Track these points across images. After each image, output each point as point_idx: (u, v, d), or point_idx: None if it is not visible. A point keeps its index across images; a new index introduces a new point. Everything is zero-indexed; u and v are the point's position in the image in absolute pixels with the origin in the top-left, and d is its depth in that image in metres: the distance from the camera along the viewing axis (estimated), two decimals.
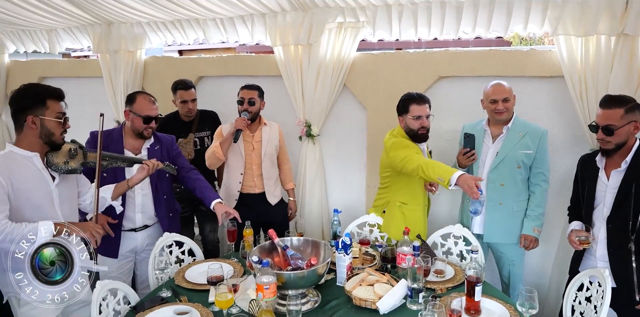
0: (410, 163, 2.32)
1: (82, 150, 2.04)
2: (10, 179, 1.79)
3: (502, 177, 2.55)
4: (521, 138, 2.53)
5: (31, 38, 4.55)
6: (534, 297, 1.75)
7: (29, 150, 1.88)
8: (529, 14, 2.75)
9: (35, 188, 1.87)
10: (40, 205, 1.87)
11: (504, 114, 2.53)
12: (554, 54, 2.82)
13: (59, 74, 4.66)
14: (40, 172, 1.89)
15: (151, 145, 2.55)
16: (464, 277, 2.12)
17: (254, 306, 1.89)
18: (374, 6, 3.10)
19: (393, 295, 1.92)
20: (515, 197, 2.57)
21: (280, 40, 3.40)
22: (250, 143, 2.95)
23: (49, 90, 1.90)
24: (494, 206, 2.58)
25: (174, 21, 3.78)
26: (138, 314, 1.90)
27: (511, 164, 2.53)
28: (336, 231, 2.61)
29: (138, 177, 2.29)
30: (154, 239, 2.55)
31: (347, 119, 3.53)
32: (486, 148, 2.63)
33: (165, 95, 3.37)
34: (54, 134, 1.90)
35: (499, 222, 2.59)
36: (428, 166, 2.23)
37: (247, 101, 2.88)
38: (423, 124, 2.52)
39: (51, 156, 1.93)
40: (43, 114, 1.86)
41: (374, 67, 3.32)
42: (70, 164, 1.96)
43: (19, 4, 3.56)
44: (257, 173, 2.95)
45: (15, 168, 1.83)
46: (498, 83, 2.56)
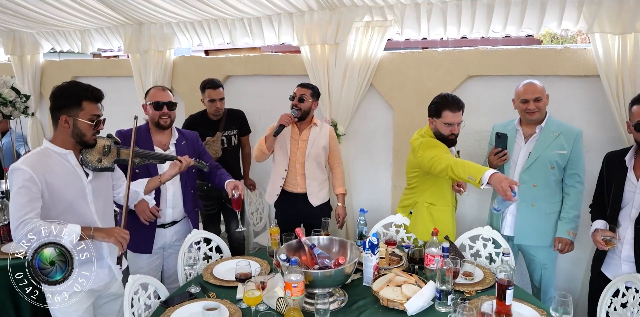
0: (439, 163, 2.28)
1: (116, 147, 2.06)
2: (45, 176, 1.81)
3: (534, 178, 2.49)
4: (555, 138, 2.46)
5: (65, 38, 4.69)
6: (568, 302, 1.71)
7: (64, 147, 1.90)
8: (563, 11, 2.69)
9: (69, 185, 1.89)
10: (73, 201, 1.89)
11: (535, 113, 2.46)
12: (589, 52, 2.74)
13: (91, 74, 4.79)
14: (74, 169, 1.92)
15: (177, 141, 2.59)
16: (494, 280, 2.09)
17: (282, 304, 1.90)
18: (402, 4, 3.07)
19: (421, 296, 1.90)
20: (549, 198, 2.51)
21: (307, 39, 3.40)
22: (297, 141, 2.95)
23: (87, 91, 1.89)
24: (526, 207, 2.52)
25: (202, 21, 3.84)
26: (168, 309, 1.93)
27: (544, 164, 2.47)
28: (362, 231, 2.60)
29: (170, 173, 2.31)
30: (181, 235, 2.61)
31: (374, 119, 3.51)
32: (518, 148, 2.57)
33: (193, 94, 3.42)
34: (85, 135, 1.91)
35: (531, 223, 2.52)
36: (457, 165, 2.19)
37: (297, 97, 2.86)
38: (453, 131, 2.46)
39: (85, 153, 1.95)
40: (77, 115, 1.86)
41: (402, 66, 3.29)
42: (104, 162, 1.98)
43: (55, 5, 3.68)
44: (300, 172, 2.95)
45: (50, 165, 1.85)
46: (530, 82, 2.50)
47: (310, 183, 2.95)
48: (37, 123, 5.27)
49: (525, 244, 2.57)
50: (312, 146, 2.93)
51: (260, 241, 3.77)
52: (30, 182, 1.77)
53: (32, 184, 1.77)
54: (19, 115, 3.29)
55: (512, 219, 2.57)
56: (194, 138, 2.73)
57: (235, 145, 3.48)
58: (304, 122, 2.95)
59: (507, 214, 2.61)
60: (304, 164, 2.94)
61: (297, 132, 2.96)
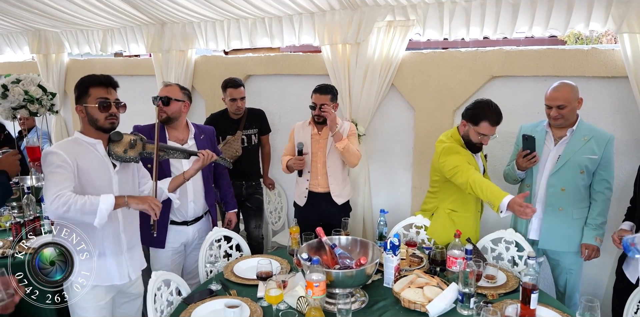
0: (460, 176, 2.28)
1: (142, 142, 2.10)
2: (77, 160, 1.87)
3: (563, 181, 2.42)
4: (586, 142, 2.38)
5: (86, 39, 4.78)
6: (595, 307, 1.67)
7: (92, 137, 1.97)
8: (591, 11, 2.63)
9: (98, 171, 1.94)
10: (101, 188, 1.92)
11: (558, 120, 2.40)
12: (617, 53, 2.68)
13: (114, 72, 4.85)
14: (103, 159, 1.97)
15: (195, 135, 2.61)
16: (518, 284, 2.06)
17: (302, 303, 1.90)
18: (425, 4, 3.05)
19: (444, 298, 1.88)
20: (577, 203, 2.44)
21: (328, 39, 3.40)
22: (317, 141, 2.96)
23: (93, 78, 1.95)
24: (552, 211, 2.46)
25: (223, 21, 3.86)
26: (190, 306, 1.95)
27: (574, 168, 2.40)
28: (382, 231, 2.58)
29: (194, 168, 2.31)
30: (203, 232, 2.63)
31: (394, 119, 3.49)
32: (547, 151, 2.50)
33: (214, 93, 3.45)
34: (98, 120, 1.93)
35: (557, 228, 2.47)
36: (476, 185, 2.18)
37: (318, 107, 2.84)
38: (483, 142, 2.44)
39: (112, 146, 2.00)
40: (86, 102, 1.92)
41: (423, 67, 3.26)
42: (129, 153, 2.02)
43: (81, 5, 3.75)
44: (322, 171, 2.95)
45: (81, 151, 1.92)
46: (557, 87, 2.39)
47: (332, 182, 2.96)
48: (62, 121, 5.38)
49: (550, 248, 2.52)
50: (332, 144, 2.92)
51: (278, 240, 3.79)
52: (65, 164, 1.83)
53: (67, 165, 1.83)
54: (45, 113, 3.34)
55: (538, 222, 2.52)
56: (211, 132, 2.75)
57: (255, 145, 3.50)
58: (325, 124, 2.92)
59: (534, 217, 2.53)
60: (325, 163, 2.95)
61: (317, 132, 2.96)
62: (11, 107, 3.19)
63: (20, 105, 3.19)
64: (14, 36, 5.32)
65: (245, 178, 3.43)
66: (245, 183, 3.43)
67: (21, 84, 3.17)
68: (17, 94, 3.13)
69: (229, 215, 2.83)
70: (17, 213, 3.07)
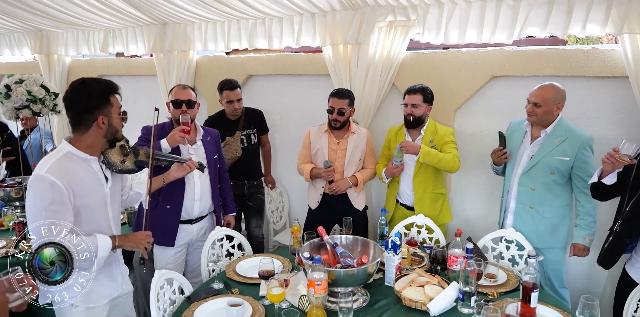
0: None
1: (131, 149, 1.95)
2: (71, 186, 1.70)
3: (533, 181, 2.50)
4: (559, 144, 2.42)
5: (86, 39, 4.79)
6: (595, 305, 1.68)
7: (88, 153, 1.78)
8: (589, 13, 2.63)
9: (93, 192, 1.80)
10: (95, 208, 1.81)
11: (531, 116, 2.47)
12: (617, 53, 2.69)
13: (116, 72, 4.89)
14: (96, 175, 1.81)
15: (203, 137, 2.64)
16: (519, 283, 2.07)
17: (304, 302, 1.92)
18: (425, 4, 3.06)
19: (444, 297, 1.89)
20: (548, 202, 2.49)
21: (330, 39, 3.41)
22: (335, 151, 2.93)
23: (109, 85, 1.78)
24: (523, 209, 2.54)
25: (224, 22, 3.87)
26: (192, 304, 1.96)
27: (544, 169, 2.45)
28: (383, 231, 2.60)
29: (175, 176, 2.27)
30: (207, 230, 2.66)
31: (395, 119, 3.48)
32: (522, 149, 2.57)
33: (216, 93, 3.45)
34: (118, 131, 1.83)
35: (529, 225, 2.53)
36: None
37: (336, 111, 2.83)
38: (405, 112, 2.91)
39: (108, 155, 1.85)
40: (109, 112, 1.76)
41: (424, 67, 3.27)
42: (126, 164, 1.90)
43: (82, 6, 3.76)
44: (338, 179, 2.93)
45: (74, 171, 1.74)
46: (544, 86, 2.45)
47: (350, 190, 2.96)
48: (64, 120, 5.39)
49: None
50: (351, 156, 2.91)
51: (280, 239, 3.80)
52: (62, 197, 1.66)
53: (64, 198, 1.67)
54: (47, 113, 3.36)
55: (512, 217, 2.61)
56: (216, 135, 2.80)
57: (255, 144, 3.51)
58: (342, 130, 2.93)
59: (508, 212, 2.65)
60: (342, 173, 2.94)
61: (335, 141, 2.93)
62: (14, 107, 3.21)
63: (23, 106, 3.21)
64: (15, 36, 5.34)
65: (247, 178, 3.45)
66: (247, 183, 3.45)
67: (24, 84, 3.19)
68: (20, 94, 3.15)
69: (228, 218, 2.85)
70: (20, 213, 3.09)
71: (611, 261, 2.19)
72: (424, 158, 2.69)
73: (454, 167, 2.76)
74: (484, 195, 3.23)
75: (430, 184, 2.87)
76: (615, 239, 2.16)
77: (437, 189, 2.92)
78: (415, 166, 2.86)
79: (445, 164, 2.73)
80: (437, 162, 2.72)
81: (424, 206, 2.85)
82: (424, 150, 2.68)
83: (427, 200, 2.87)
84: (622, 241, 2.13)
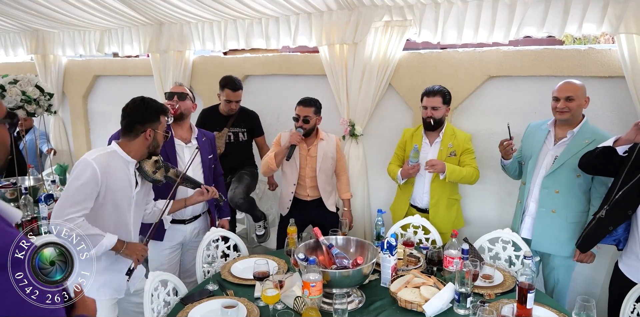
0: None
1: (163, 165, 2.18)
2: (107, 179, 1.91)
3: (557, 183, 2.39)
4: (586, 145, 2.32)
5: (82, 39, 4.77)
6: (591, 306, 1.67)
7: (132, 157, 2.02)
8: (586, 12, 2.62)
9: (122, 191, 2.00)
10: (120, 206, 2.00)
11: (565, 113, 2.34)
12: (614, 53, 2.68)
13: (112, 73, 4.87)
14: (129, 177, 2.03)
15: (198, 136, 2.65)
16: (515, 284, 2.06)
17: (299, 303, 1.90)
18: (422, 4, 3.05)
19: (440, 298, 1.88)
20: (572, 207, 2.39)
21: (326, 39, 3.40)
22: (306, 157, 2.95)
23: (162, 107, 2.10)
24: (545, 213, 2.43)
25: (220, 22, 3.86)
26: (187, 306, 1.95)
27: (570, 171, 2.35)
28: (380, 231, 2.59)
29: (196, 200, 2.42)
30: (200, 231, 2.65)
31: (392, 119, 3.49)
32: (545, 150, 2.46)
33: (212, 93, 3.46)
34: (158, 146, 2.09)
35: (550, 230, 2.43)
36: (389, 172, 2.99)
37: (302, 119, 2.85)
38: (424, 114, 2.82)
39: (143, 164, 2.08)
40: (157, 128, 2.04)
41: (421, 67, 3.27)
42: (157, 175, 2.12)
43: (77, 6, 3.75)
44: (311, 185, 2.96)
45: (114, 168, 1.96)
46: (567, 82, 2.38)
47: (322, 193, 2.99)
48: (60, 121, 5.38)
49: (542, 250, 2.50)
50: (321, 162, 2.94)
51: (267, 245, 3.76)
52: (93, 182, 1.87)
53: (94, 184, 1.88)
54: (42, 113, 3.34)
55: (531, 221, 2.51)
56: (212, 138, 2.80)
57: (243, 142, 3.45)
58: (310, 137, 2.96)
59: (527, 216, 2.55)
60: (314, 178, 2.96)
61: (305, 147, 2.96)
62: (9, 108, 3.19)
63: (17, 106, 3.19)
64: (10, 37, 5.32)
65: (230, 173, 3.36)
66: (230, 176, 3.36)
67: (18, 84, 3.17)
68: (14, 95, 3.13)
69: (222, 222, 2.81)
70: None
71: (589, 245, 2.21)
72: (449, 177, 2.66)
73: (474, 180, 2.77)
74: (483, 195, 3.21)
75: (447, 190, 2.82)
76: (598, 224, 2.13)
77: (453, 195, 2.89)
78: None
79: (467, 180, 2.74)
80: (460, 179, 2.71)
81: (439, 210, 2.81)
82: (449, 169, 2.65)
83: (443, 205, 2.82)
84: (605, 227, 2.10)
